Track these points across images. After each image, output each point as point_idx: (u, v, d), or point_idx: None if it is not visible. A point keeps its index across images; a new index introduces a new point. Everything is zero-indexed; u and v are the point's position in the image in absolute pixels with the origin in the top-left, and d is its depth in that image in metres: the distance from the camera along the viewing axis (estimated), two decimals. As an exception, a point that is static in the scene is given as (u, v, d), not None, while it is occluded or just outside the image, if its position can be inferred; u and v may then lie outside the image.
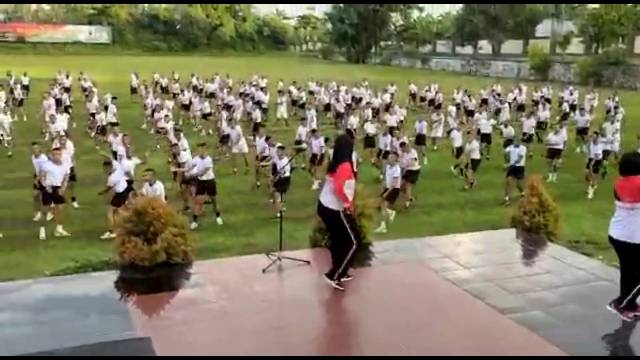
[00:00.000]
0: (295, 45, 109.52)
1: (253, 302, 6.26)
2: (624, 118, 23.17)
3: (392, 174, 12.45)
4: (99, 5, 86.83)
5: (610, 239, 6.01)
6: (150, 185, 10.95)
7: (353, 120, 20.56)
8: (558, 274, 7.29)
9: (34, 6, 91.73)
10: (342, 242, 6.56)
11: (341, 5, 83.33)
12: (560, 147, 17.33)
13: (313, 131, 17.26)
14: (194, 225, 12.12)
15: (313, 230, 8.13)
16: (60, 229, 11.61)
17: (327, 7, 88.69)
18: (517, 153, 14.62)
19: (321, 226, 8.01)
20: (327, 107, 27.88)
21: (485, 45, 65.85)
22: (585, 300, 6.48)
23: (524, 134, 20.16)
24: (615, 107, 25.60)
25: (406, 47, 79.62)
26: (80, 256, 8.06)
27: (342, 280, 6.66)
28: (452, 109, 24.28)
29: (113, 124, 19.79)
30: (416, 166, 14.37)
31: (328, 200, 6.54)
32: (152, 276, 6.83)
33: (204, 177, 12.44)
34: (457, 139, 17.59)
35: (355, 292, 6.66)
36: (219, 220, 12.63)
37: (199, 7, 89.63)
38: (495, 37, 63.61)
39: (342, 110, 25.08)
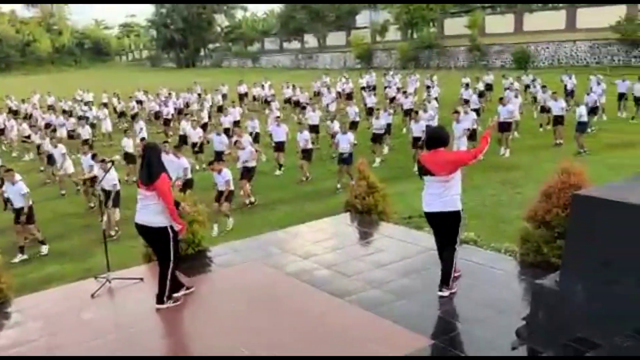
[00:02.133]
0: (121, 55, 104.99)
1: (80, 332, 5.79)
2: (439, 95, 25.00)
3: (224, 177, 12.28)
4: None
5: (430, 214, 6.09)
6: None
7: (185, 125, 20.05)
8: (391, 251, 7.56)
9: None
10: (162, 261, 6.18)
11: (163, 10, 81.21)
12: (382, 131, 18.07)
13: (142, 139, 16.56)
14: (19, 257, 11.16)
15: (145, 245, 7.72)
16: None
17: (149, 14, 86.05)
18: (345, 141, 15.03)
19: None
20: (158, 114, 27.04)
21: (311, 39, 67.55)
22: (414, 273, 6.77)
23: (352, 122, 20.87)
24: (430, 87, 27.42)
25: (235, 47, 79.43)
26: None
27: (181, 293, 6.37)
28: (274, 104, 24.51)
29: None
30: (253, 163, 14.28)
31: (149, 218, 6.10)
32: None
33: (17, 205, 11.35)
34: (278, 133, 17.63)
35: (193, 303, 6.42)
36: (44, 248, 11.67)
37: (6, 22, 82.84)
38: (320, 30, 65.46)
39: (170, 117, 24.51)
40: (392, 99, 26.63)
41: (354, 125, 20.69)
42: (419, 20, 53.00)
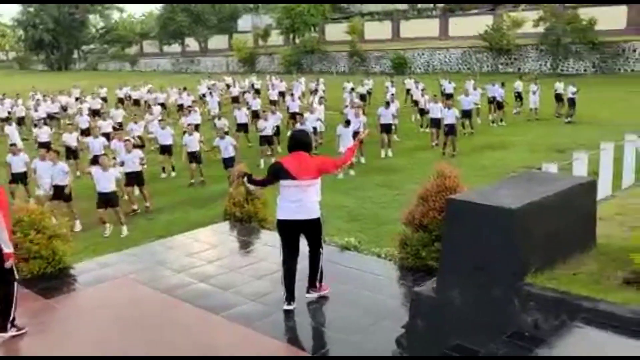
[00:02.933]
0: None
1: None
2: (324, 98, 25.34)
3: (109, 178, 11.58)
4: None
5: (291, 223, 5.75)
6: None
7: (45, 131, 18.78)
8: (271, 260, 7.23)
9: None
10: (5, 282, 5.54)
11: (31, 9, 76.29)
12: (269, 132, 17.85)
13: (12, 145, 15.17)
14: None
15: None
16: None
17: (15, 13, 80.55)
18: (225, 145, 14.72)
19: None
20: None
21: (192, 43, 66.02)
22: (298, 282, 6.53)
23: (239, 124, 20.55)
24: (317, 90, 27.65)
25: (111, 49, 76.05)
26: None
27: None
28: (156, 108, 23.70)
29: None
30: (139, 168, 13.47)
31: None
32: None
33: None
34: (164, 136, 17.00)
35: (47, 328, 5.77)
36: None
37: None
38: (201, 34, 64.14)
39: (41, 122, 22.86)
40: (274, 102, 26.57)
41: (242, 128, 20.40)
42: (301, 26, 53.34)
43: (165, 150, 16.92)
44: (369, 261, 7.24)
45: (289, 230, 5.83)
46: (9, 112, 26.66)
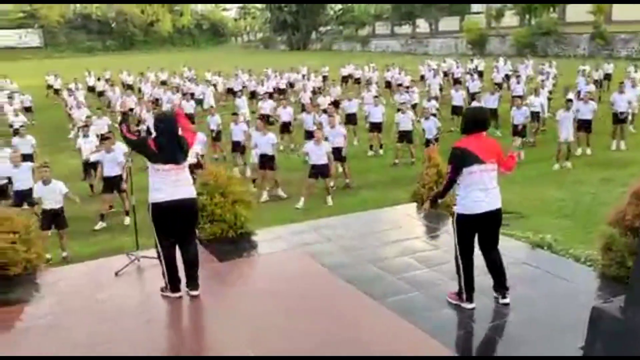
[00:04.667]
0: (236, 36, 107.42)
1: (88, 313, 5.39)
2: (555, 84, 23.26)
3: (321, 152, 11.86)
4: (28, 7, 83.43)
5: (483, 216, 5.01)
6: (45, 184, 9.67)
7: (268, 105, 19.78)
8: (445, 249, 6.59)
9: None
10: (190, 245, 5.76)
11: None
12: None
13: (234, 114, 16.22)
14: (99, 225, 11.13)
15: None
16: None
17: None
18: (429, 126, 14.24)
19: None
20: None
21: (422, 24, 65.47)
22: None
23: (454, 107, 19.77)
24: (547, 74, 25.49)
25: (346, 31, 78.68)
26: None
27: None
28: (373, 86, 23.75)
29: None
30: (343, 144, 13.62)
31: (189, 190, 5.59)
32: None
33: (107, 174, 11.28)
34: (375, 113, 16.87)
35: (215, 292, 5.84)
36: (127, 219, 11.29)
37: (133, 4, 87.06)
38: (432, 15, 63.25)
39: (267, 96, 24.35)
40: (499, 85, 25.13)
41: (457, 110, 19.59)
42: (539, 5, 49.72)
43: (375, 127, 16.82)
44: (564, 264, 6.24)
45: (477, 224, 5.05)
46: (243, 86, 28.85)
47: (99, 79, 32.51)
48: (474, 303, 5.19)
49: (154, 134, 5.53)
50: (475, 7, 63.22)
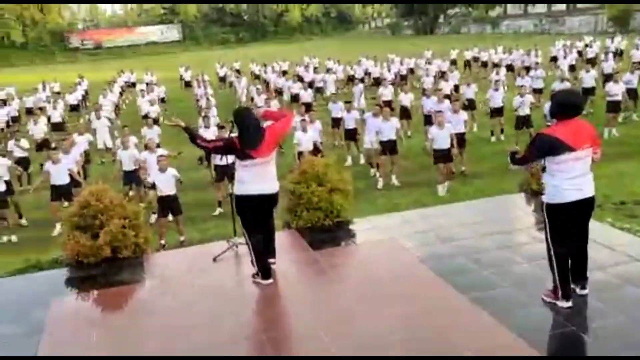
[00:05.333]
0: (364, 23, 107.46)
1: (182, 297, 5.67)
2: None
3: (445, 135, 11.76)
4: (168, 5, 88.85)
5: (576, 204, 4.67)
6: (161, 172, 10.33)
7: (388, 91, 19.63)
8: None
9: (108, 12, 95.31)
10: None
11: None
12: (619, 98, 15.58)
13: (346, 102, 16.32)
14: (218, 211, 11.71)
15: (282, 210, 7.44)
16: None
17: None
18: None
19: (290, 205, 7.36)
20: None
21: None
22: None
23: (584, 89, 18.46)
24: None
25: (475, 12, 75.98)
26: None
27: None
28: (502, 70, 22.82)
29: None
30: (463, 130, 13.30)
31: (274, 184, 5.76)
32: (92, 273, 6.38)
33: (219, 162, 11.79)
34: (495, 98, 16.20)
35: (298, 281, 5.92)
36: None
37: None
38: (570, -11, 59.55)
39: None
40: (636, 64, 23.16)
41: (588, 92, 18.27)
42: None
43: (496, 112, 16.16)
44: None
45: (567, 214, 4.74)
46: (366, 73, 28.86)
47: (231, 69, 33.96)
48: (571, 302, 4.85)
49: (235, 133, 5.66)
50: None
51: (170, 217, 10.14)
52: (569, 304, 4.85)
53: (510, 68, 26.46)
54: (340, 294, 5.52)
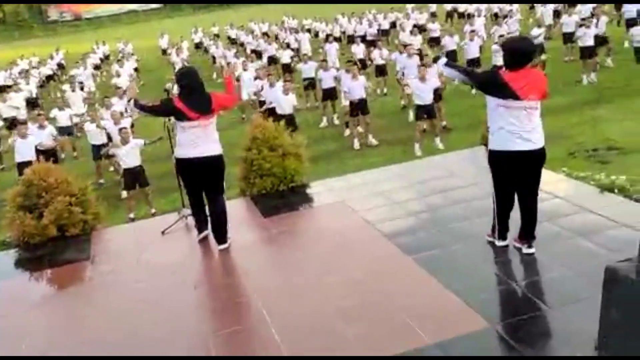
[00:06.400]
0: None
1: (129, 274, 5.55)
2: None
3: (426, 90, 11.37)
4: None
5: (521, 155, 4.57)
6: (124, 144, 10.02)
7: (359, 49, 19.41)
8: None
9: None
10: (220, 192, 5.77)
11: None
12: (590, 43, 15.16)
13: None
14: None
15: (236, 178, 7.30)
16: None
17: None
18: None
19: (245, 173, 7.20)
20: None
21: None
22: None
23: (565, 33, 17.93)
24: None
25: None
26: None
27: None
28: (478, 20, 22.16)
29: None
30: (438, 84, 12.93)
31: (211, 147, 5.59)
32: (38, 254, 6.25)
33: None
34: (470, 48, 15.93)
35: (244, 249, 5.78)
36: None
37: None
38: None
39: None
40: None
41: (570, 37, 17.62)
42: None
43: (471, 62, 15.89)
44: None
45: (510, 164, 4.67)
46: (342, 32, 28.25)
47: (206, 35, 33.25)
48: (507, 241, 4.99)
49: (176, 92, 5.54)
50: None
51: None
52: (505, 242, 5.00)
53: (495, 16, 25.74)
54: (285, 261, 5.41)
